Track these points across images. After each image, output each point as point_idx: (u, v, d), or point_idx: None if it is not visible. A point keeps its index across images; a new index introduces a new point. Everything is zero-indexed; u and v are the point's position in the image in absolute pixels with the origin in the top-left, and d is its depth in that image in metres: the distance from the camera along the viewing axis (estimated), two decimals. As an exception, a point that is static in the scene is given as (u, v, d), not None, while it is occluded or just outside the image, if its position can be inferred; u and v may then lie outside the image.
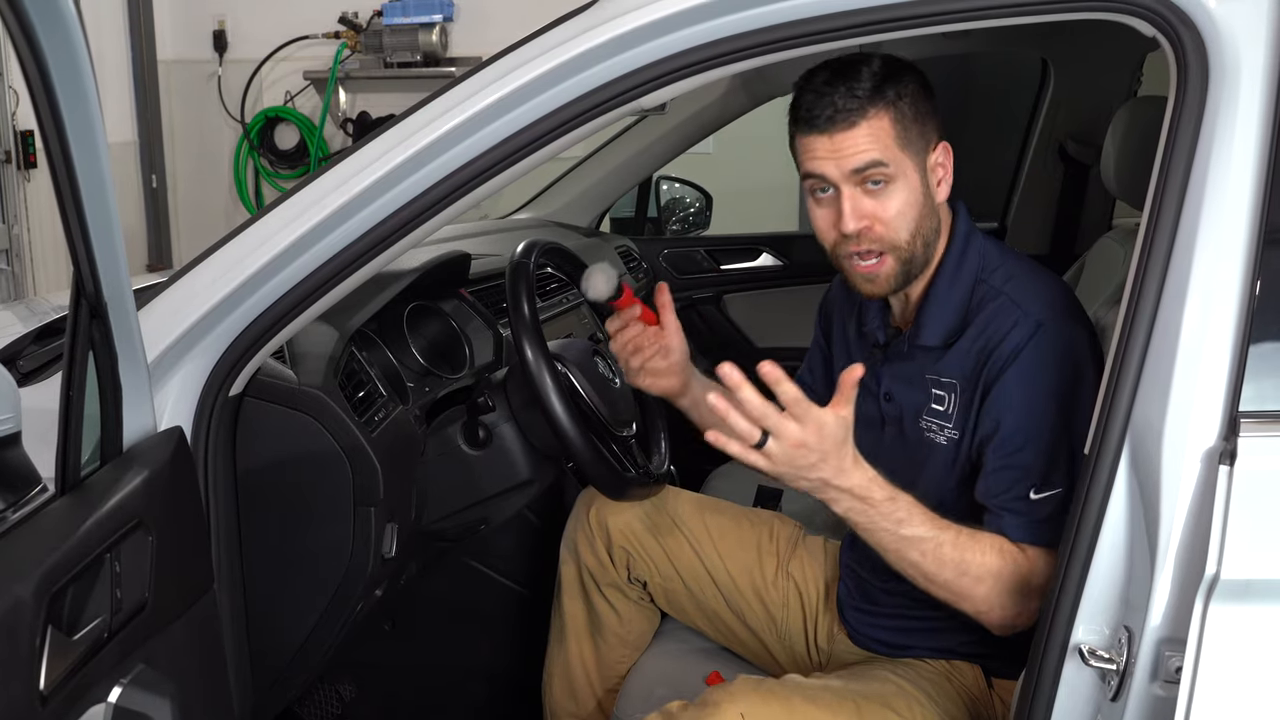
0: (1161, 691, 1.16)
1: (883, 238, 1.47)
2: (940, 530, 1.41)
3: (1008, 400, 1.45)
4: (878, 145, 1.44)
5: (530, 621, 2.11)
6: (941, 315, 1.53)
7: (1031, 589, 1.41)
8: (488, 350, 2.01)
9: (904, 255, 1.48)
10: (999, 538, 1.43)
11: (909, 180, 1.46)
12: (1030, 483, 1.42)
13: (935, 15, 1.24)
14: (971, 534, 1.42)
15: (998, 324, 1.47)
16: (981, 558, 1.41)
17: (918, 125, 1.47)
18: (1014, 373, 1.44)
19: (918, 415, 1.56)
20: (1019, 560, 1.42)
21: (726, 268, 3.34)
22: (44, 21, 0.87)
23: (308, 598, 1.54)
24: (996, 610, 1.42)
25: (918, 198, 1.48)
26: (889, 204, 1.46)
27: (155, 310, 1.32)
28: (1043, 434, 1.42)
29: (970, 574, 1.41)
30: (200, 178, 5.59)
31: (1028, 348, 1.44)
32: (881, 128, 1.44)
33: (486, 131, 1.29)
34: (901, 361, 1.58)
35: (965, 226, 1.55)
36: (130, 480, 1.10)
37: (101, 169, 0.99)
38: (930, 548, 1.40)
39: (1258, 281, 1.15)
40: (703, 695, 1.47)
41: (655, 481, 1.81)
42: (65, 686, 0.95)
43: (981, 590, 1.41)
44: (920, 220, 1.48)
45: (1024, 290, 1.49)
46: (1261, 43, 1.15)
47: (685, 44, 1.25)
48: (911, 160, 1.46)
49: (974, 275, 1.53)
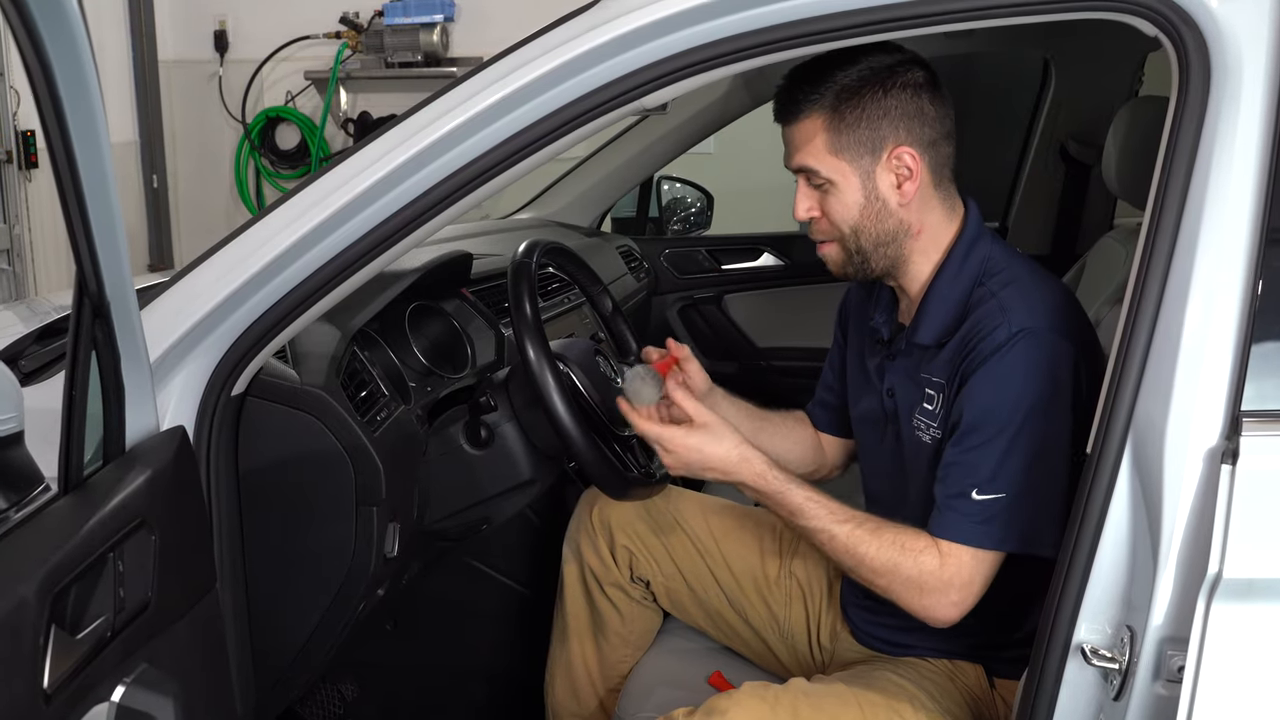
0: (1164, 691, 1.16)
1: (824, 230, 1.55)
2: (836, 523, 1.48)
3: (972, 396, 1.45)
4: (808, 150, 1.50)
5: (532, 621, 2.11)
6: (938, 314, 1.54)
7: (944, 586, 1.43)
8: (489, 350, 2.00)
9: (850, 247, 1.54)
10: (908, 534, 1.46)
11: (847, 184, 1.50)
12: (974, 482, 1.43)
13: (937, 15, 1.23)
14: (874, 528, 1.47)
15: (982, 325, 1.47)
16: (876, 551, 1.46)
17: (862, 131, 1.48)
18: (984, 372, 1.45)
19: (911, 413, 1.57)
20: (923, 557, 1.44)
21: (728, 267, 3.35)
22: (47, 20, 0.87)
23: (310, 597, 1.54)
24: (903, 602, 1.47)
25: (857, 200, 1.50)
26: (827, 202, 1.52)
27: (158, 309, 1.33)
28: (999, 436, 1.42)
29: (866, 565, 1.47)
30: (201, 178, 5.59)
31: (1002, 349, 1.43)
32: (813, 133, 1.49)
33: (488, 132, 1.29)
34: (902, 358, 1.59)
35: (974, 230, 1.55)
36: (133, 480, 1.10)
37: (104, 167, 0.99)
38: (824, 539, 1.49)
39: (1259, 281, 1.15)
40: (708, 702, 1.47)
41: (657, 481, 1.81)
42: (69, 685, 0.95)
43: (881, 582, 1.47)
44: (865, 222, 1.51)
45: (1017, 297, 1.48)
46: (1263, 42, 1.15)
47: (686, 44, 1.25)
48: (849, 165, 1.49)
49: (974, 278, 1.53)
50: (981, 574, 1.44)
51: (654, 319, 3.28)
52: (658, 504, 1.84)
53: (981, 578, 1.44)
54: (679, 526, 1.84)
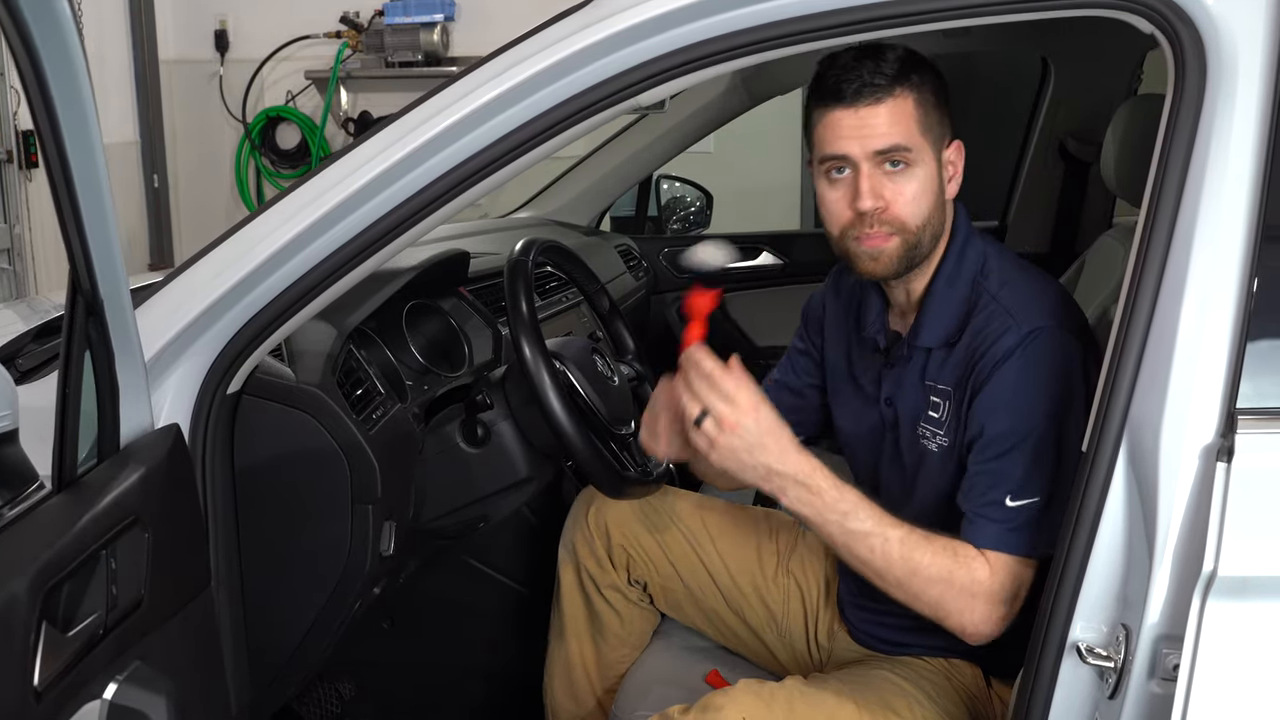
0: (1159, 689, 1.16)
1: (895, 219, 1.46)
2: (889, 528, 1.40)
3: (992, 404, 1.44)
4: (901, 127, 1.43)
5: (529, 619, 2.11)
6: (941, 315, 1.53)
7: (992, 597, 1.40)
8: (487, 348, 2.00)
9: (910, 241, 1.48)
10: (956, 542, 1.42)
11: (927, 167, 1.47)
12: (1007, 488, 1.41)
13: (934, 12, 1.23)
14: (925, 535, 1.41)
15: (989, 330, 1.46)
16: (932, 559, 1.39)
17: (938, 115, 1.48)
18: (1000, 377, 1.43)
19: (915, 421, 1.56)
20: (976, 567, 1.40)
21: (727, 266, 3.34)
22: (38, 19, 0.87)
23: (306, 596, 1.54)
24: (952, 615, 1.41)
25: (933, 186, 1.48)
26: (906, 187, 1.45)
27: (153, 307, 1.32)
28: (1025, 441, 1.41)
29: (920, 575, 1.40)
30: (202, 178, 5.59)
31: (1016, 353, 1.42)
32: (906, 109, 1.44)
33: (482, 130, 1.28)
34: (902, 366, 1.58)
35: (965, 228, 1.56)
36: (126, 477, 1.10)
37: (96, 166, 0.99)
38: (878, 544, 1.39)
39: (1255, 279, 1.15)
40: (703, 699, 1.47)
41: (654, 480, 1.81)
42: (60, 683, 0.95)
43: (934, 592, 1.40)
44: (931, 210, 1.48)
45: (1017, 297, 1.48)
46: (1259, 40, 1.15)
47: (681, 41, 1.25)
48: (930, 148, 1.47)
49: (972, 275, 1.52)
50: (1025, 585, 1.41)
51: (653, 318, 3.28)
52: (654, 503, 1.84)
53: (1025, 589, 1.41)
54: (675, 526, 1.84)
